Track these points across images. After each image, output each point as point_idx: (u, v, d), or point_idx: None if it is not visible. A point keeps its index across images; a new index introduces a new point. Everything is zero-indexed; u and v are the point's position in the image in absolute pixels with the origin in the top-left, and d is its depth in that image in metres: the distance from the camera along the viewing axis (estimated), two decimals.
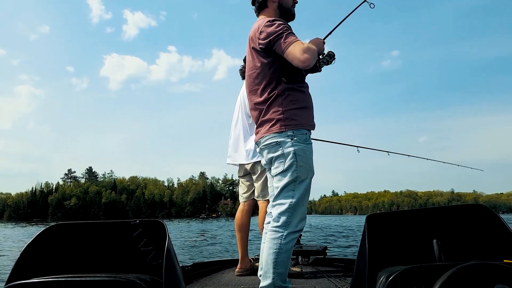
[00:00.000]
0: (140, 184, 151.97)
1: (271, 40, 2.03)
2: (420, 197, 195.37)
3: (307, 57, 1.92)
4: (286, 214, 2.00)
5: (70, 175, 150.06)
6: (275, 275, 1.95)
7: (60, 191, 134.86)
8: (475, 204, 1.64)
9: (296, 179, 2.02)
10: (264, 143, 2.12)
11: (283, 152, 2.04)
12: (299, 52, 1.93)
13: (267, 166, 2.22)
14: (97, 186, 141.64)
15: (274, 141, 2.06)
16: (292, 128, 2.05)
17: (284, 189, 2.04)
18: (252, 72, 2.19)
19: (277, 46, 2.03)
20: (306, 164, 2.05)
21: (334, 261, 4.07)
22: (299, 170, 2.02)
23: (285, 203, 2.01)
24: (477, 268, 1.14)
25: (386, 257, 1.64)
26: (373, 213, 1.73)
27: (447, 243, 1.62)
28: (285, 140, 2.04)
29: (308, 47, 1.95)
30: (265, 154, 2.16)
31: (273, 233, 2.01)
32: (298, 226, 2.02)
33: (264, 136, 2.11)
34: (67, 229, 1.73)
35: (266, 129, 2.10)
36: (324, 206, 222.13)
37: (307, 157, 2.06)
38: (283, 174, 2.04)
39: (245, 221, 3.51)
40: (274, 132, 2.06)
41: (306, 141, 2.08)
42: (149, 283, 1.40)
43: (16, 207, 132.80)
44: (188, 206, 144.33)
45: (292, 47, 1.96)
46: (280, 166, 2.05)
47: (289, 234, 1.99)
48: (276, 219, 2.03)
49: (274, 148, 2.07)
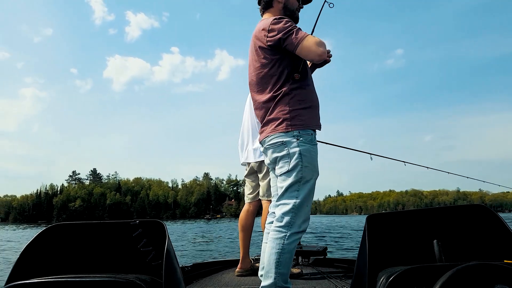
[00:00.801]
0: (144, 185, 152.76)
1: (281, 36, 2.02)
2: (425, 196, 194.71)
3: (323, 51, 1.96)
4: (290, 214, 1.99)
5: (74, 177, 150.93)
6: (276, 275, 1.94)
7: (65, 193, 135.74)
8: (475, 204, 1.65)
9: (300, 180, 2.01)
10: (269, 142, 2.10)
11: (289, 152, 2.02)
12: (314, 46, 1.95)
13: (270, 166, 2.22)
14: (102, 187, 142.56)
15: (280, 140, 2.05)
16: (298, 128, 2.03)
17: (289, 189, 2.02)
18: (258, 72, 2.17)
19: (289, 42, 2.01)
20: (311, 165, 2.04)
21: (334, 262, 4.06)
22: (304, 170, 2.01)
23: (289, 203, 2.00)
24: (477, 269, 1.14)
25: (386, 257, 1.65)
26: (373, 214, 1.74)
27: (448, 244, 1.62)
28: (290, 140, 2.03)
29: (321, 41, 1.98)
30: (269, 154, 2.14)
31: (276, 233, 2.00)
32: (301, 227, 2.01)
33: (269, 136, 2.09)
34: (67, 230, 1.74)
35: (271, 128, 2.09)
36: (329, 206, 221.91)
37: (312, 158, 2.05)
38: (287, 174, 2.03)
39: (249, 221, 3.51)
40: (280, 132, 2.05)
41: (312, 142, 2.07)
42: (149, 283, 1.41)
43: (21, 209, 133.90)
44: (193, 207, 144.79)
45: (306, 42, 1.97)
46: (285, 166, 2.03)
47: (292, 235, 1.98)
48: (280, 219, 2.01)
49: (280, 148, 2.06)
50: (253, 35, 2.22)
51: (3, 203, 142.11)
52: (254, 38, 2.20)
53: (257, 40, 2.16)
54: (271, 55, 2.10)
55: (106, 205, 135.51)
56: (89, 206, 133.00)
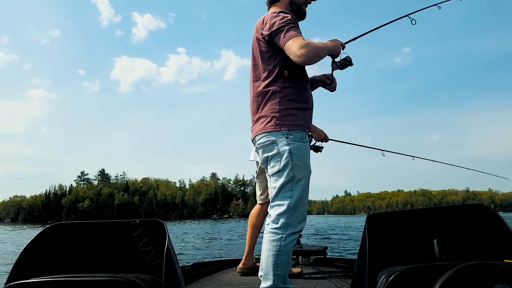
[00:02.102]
0: (152, 186, 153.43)
1: (273, 32, 1.99)
2: (434, 196, 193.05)
3: (303, 53, 1.87)
4: (285, 215, 1.96)
5: (83, 177, 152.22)
6: (275, 277, 1.93)
7: (74, 193, 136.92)
8: (475, 203, 1.64)
9: (293, 179, 1.97)
10: (259, 141, 2.07)
11: (279, 150, 1.99)
12: (296, 47, 1.88)
13: (263, 166, 2.17)
14: (110, 188, 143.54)
15: (269, 139, 2.01)
16: (288, 127, 1.99)
17: (282, 189, 1.99)
18: (254, 64, 2.16)
19: (277, 39, 1.98)
20: (302, 163, 2.00)
21: (334, 261, 4.04)
22: (295, 169, 1.97)
23: (284, 204, 1.97)
24: (477, 268, 1.14)
25: (386, 257, 1.64)
26: (373, 213, 1.73)
27: (448, 243, 1.62)
28: (280, 139, 1.99)
29: (308, 43, 1.89)
30: (260, 154, 2.11)
31: (272, 234, 1.97)
32: (297, 227, 1.98)
33: (259, 134, 2.06)
34: (67, 229, 1.74)
35: (261, 126, 2.05)
36: (336, 206, 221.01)
37: (303, 156, 2.01)
38: (279, 173, 1.99)
39: (260, 219, 3.48)
40: (269, 130, 2.01)
41: (302, 139, 2.03)
42: (149, 283, 1.40)
43: (31, 209, 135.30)
44: (200, 207, 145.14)
45: (291, 42, 1.91)
46: (276, 165, 2.00)
47: (288, 236, 1.95)
48: (275, 220, 1.98)
49: (270, 147, 2.02)
50: (255, 27, 2.21)
51: (12, 204, 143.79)
52: (255, 28, 2.19)
53: (256, 31, 2.15)
54: (266, 48, 2.08)
55: (114, 205, 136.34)
56: (97, 206, 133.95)
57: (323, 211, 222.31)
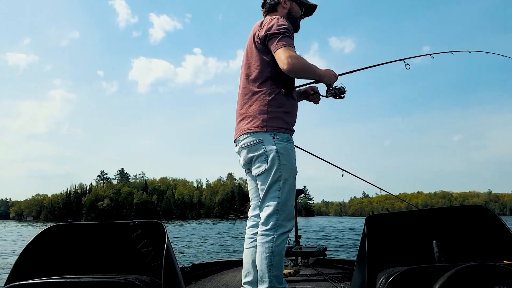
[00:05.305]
0: (170, 185, 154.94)
1: (268, 35, 2.02)
2: (455, 198, 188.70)
3: (291, 62, 1.91)
4: (275, 216, 1.97)
5: (102, 177, 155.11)
6: (271, 279, 1.94)
7: (94, 192, 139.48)
8: (474, 205, 1.65)
9: (280, 178, 1.99)
10: (244, 141, 2.07)
11: (265, 150, 2.00)
12: (286, 56, 1.93)
13: (245, 167, 2.19)
14: (129, 187, 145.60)
15: (255, 139, 2.02)
16: (275, 130, 2.02)
17: (270, 190, 2.00)
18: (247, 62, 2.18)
19: (270, 43, 2.02)
20: (289, 163, 2.02)
21: (334, 262, 4.03)
22: (282, 168, 1.99)
23: (272, 205, 1.98)
24: (477, 269, 1.14)
25: (386, 258, 1.65)
26: (373, 214, 1.74)
27: (447, 244, 1.62)
28: (267, 138, 2.01)
29: (298, 57, 1.96)
30: (244, 154, 2.10)
31: (263, 237, 1.98)
32: (287, 227, 2.00)
33: (244, 134, 2.07)
34: (66, 230, 1.76)
35: (247, 126, 2.06)
36: (354, 208, 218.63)
37: (290, 156, 2.04)
38: (266, 173, 2.00)
39: None
40: (255, 131, 2.02)
41: (288, 140, 2.06)
42: (148, 284, 1.42)
43: (52, 208, 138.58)
44: (217, 207, 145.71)
45: (282, 49, 1.95)
46: (263, 165, 2.01)
47: (280, 236, 1.97)
48: (265, 222, 2.00)
49: (256, 147, 2.03)
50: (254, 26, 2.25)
51: (35, 202, 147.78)
52: (252, 28, 2.22)
53: (253, 31, 2.19)
54: (260, 49, 2.11)
55: (133, 204, 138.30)
56: (116, 205, 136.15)
57: (341, 213, 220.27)
